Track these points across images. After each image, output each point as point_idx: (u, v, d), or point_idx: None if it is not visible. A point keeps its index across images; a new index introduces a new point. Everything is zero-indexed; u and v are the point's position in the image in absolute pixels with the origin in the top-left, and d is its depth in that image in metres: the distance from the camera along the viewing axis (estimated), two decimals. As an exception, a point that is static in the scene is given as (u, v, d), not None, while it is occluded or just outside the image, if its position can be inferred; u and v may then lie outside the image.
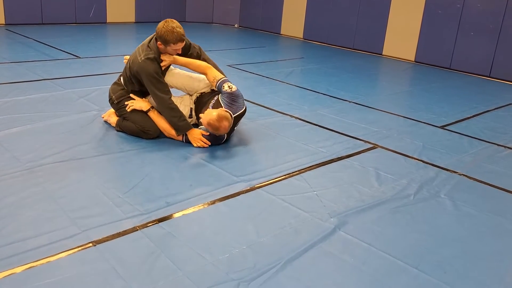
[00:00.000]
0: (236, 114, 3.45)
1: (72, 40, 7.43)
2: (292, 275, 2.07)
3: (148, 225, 2.37)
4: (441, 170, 3.36)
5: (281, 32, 9.98)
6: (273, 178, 3.02)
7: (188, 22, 10.63)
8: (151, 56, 3.34)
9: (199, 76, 3.70)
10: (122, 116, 3.57)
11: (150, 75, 3.31)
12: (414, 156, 3.58)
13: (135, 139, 3.47)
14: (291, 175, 3.09)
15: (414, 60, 7.92)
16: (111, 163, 3.11)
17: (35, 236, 2.20)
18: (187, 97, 3.72)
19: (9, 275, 1.93)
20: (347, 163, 3.37)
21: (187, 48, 3.66)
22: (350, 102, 5.05)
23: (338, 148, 3.64)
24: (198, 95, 3.67)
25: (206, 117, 3.27)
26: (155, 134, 3.48)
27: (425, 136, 4.09)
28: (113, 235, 2.26)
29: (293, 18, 9.68)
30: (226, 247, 2.23)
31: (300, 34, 9.60)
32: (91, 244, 2.17)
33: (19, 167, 2.89)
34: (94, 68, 5.69)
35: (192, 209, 2.57)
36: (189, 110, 3.65)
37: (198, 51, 3.76)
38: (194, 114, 3.67)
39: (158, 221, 2.41)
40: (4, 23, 8.39)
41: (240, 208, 2.63)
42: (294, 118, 4.30)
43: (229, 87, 3.47)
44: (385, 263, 2.21)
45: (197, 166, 3.13)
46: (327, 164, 3.33)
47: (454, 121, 4.63)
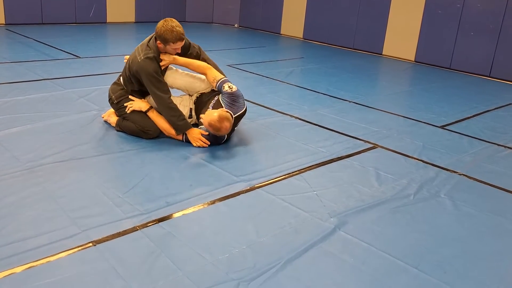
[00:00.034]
0: (237, 114, 3.45)
1: (72, 40, 7.43)
2: (292, 275, 2.07)
3: (148, 225, 2.37)
4: (441, 170, 3.36)
5: (281, 32, 9.98)
6: (273, 178, 3.02)
7: (188, 22, 10.63)
8: (151, 55, 3.34)
9: (200, 76, 3.69)
10: (122, 116, 3.57)
11: (149, 74, 3.31)
12: (414, 156, 3.58)
13: (135, 139, 3.47)
14: (291, 175, 3.09)
15: (414, 60, 7.92)
16: (111, 163, 3.11)
17: (35, 236, 2.20)
18: (187, 97, 3.72)
19: (9, 275, 1.93)
20: (347, 163, 3.37)
21: (187, 47, 3.66)
22: (350, 102, 5.05)
23: (338, 148, 3.64)
24: (198, 95, 3.67)
25: (207, 117, 3.27)
26: (155, 134, 3.48)
27: (425, 136, 4.09)
28: (113, 235, 2.26)
29: (293, 18, 9.67)
30: (226, 247, 2.23)
31: (300, 34, 9.60)
32: (91, 244, 2.17)
33: (19, 167, 2.89)
34: (94, 68, 5.69)
35: (192, 209, 2.57)
36: (188, 110, 3.65)
37: (197, 50, 3.76)
38: (194, 114, 3.67)
39: (158, 221, 2.41)
40: (4, 23, 8.39)
41: (240, 208, 2.63)
42: (294, 118, 4.30)
43: (229, 87, 3.47)
44: (385, 263, 2.21)
45: (197, 166, 3.13)
46: (327, 164, 3.33)
47: (454, 121, 4.63)
